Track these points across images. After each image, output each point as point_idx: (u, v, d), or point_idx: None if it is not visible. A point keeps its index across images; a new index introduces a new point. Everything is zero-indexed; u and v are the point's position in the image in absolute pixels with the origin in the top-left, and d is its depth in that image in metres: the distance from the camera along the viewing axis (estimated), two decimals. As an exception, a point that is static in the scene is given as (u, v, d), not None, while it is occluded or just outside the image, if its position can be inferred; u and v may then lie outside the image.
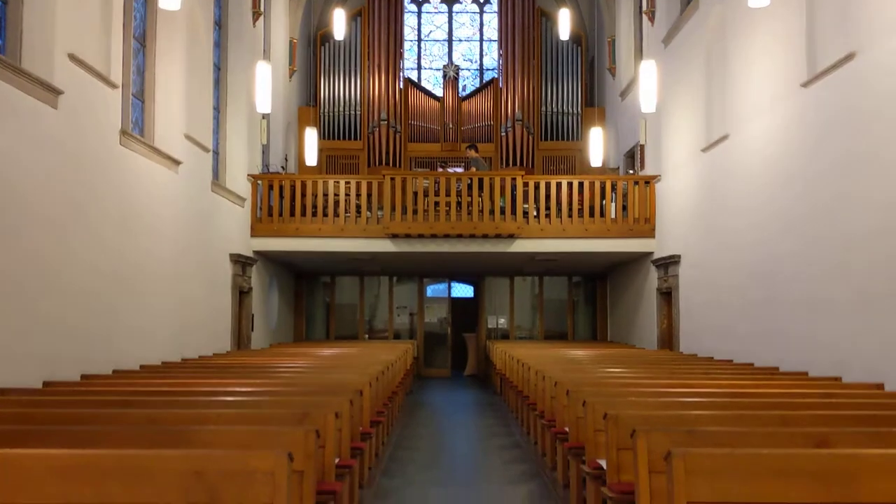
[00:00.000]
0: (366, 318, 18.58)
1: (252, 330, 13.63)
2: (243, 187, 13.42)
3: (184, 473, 3.22)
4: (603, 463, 4.95)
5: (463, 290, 20.72)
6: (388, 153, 18.38)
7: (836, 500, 3.23)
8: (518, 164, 18.09)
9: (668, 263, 12.76)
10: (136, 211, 9.01)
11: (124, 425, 4.26)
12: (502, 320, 18.97)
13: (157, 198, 9.66)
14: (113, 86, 8.29)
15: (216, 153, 12.50)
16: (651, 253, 13.78)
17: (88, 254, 7.79)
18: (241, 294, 13.10)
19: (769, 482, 3.27)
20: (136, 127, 9.53)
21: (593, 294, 18.51)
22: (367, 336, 18.47)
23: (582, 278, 18.76)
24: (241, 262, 12.83)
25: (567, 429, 6.16)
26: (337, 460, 4.93)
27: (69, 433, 3.96)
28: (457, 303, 19.87)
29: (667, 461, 3.36)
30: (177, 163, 10.20)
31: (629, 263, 15.45)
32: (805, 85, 8.21)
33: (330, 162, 18.59)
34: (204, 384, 6.34)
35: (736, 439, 4.05)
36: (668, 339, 13.03)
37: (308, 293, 18.42)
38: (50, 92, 7.02)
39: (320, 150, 18.52)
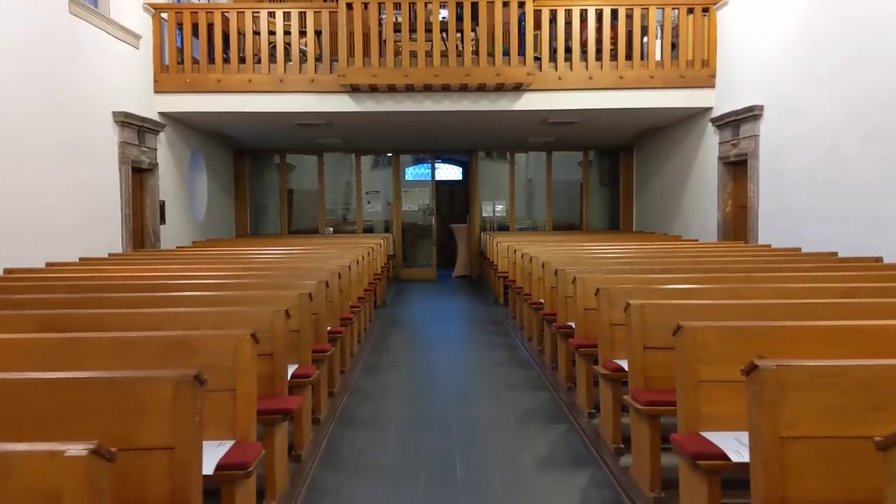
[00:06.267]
0: (327, 208, 14.77)
1: (163, 223, 9.89)
2: (139, 21, 9.36)
3: None
4: None
5: (449, 172, 16.95)
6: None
7: None
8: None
9: (741, 120, 9.01)
10: None
11: None
12: (500, 207, 15.24)
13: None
14: None
15: (88, -35, 8.39)
16: (709, 109, 9.99)
17: None
18: (140, 172, 9.27)
19: None
20: None
21: (613, 172, 14.75)
22: (330, 230, 14.77)
23: (597, 154, 14.94)
24: (133, 127, 8.93)
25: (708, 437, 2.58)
26: None
27: None
28: (442, 187, 16.12)
29: None
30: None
31: (671, 126, 11.67)
32: None
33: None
34: None
35: None
36: (736, 226, 9.44)
37: (254, 176, 14.56)
38: None
39: (260, -12, 14.22)
